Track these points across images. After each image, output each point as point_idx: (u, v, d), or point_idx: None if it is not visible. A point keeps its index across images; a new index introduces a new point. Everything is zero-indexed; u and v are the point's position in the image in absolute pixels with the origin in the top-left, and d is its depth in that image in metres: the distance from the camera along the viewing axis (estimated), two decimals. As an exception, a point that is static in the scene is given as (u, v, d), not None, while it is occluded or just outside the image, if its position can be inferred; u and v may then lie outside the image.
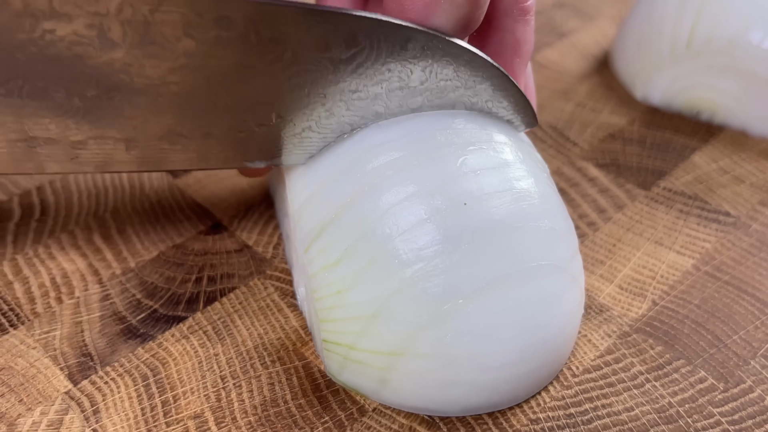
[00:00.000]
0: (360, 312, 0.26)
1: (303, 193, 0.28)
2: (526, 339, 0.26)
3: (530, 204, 0.27)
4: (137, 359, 0.30)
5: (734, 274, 0.33)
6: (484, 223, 0.26)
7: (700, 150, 0.41)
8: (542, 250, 0.27)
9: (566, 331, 0.28)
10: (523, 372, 0.27)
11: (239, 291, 0.32)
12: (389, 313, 0.26)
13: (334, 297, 0.27)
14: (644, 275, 0.33)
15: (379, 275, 0.26)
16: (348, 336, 0.27)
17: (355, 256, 0.26)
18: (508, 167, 0.28)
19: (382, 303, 0.26)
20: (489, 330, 0.26)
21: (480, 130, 0.29)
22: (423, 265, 0.25)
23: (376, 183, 0.27)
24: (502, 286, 0.26)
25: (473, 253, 0.26)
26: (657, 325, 0.31)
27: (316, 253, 0.27)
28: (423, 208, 0.26)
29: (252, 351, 0.30)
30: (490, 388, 0.27)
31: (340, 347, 0.27)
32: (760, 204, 0.37)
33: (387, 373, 0.26)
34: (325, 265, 0.27)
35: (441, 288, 0.25)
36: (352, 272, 0.26)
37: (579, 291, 0.28)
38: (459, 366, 0.26)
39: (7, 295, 0.32)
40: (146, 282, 0.33)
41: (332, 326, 0.27)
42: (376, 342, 0.26)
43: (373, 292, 0.26)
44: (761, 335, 0.31)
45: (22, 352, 0.30)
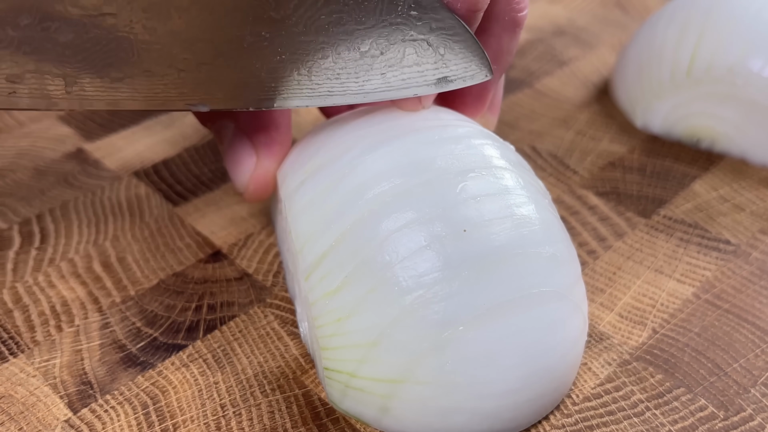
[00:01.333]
0: (360, 340, 0.27)
1: (305, 225, 0.29)
2: (527, 366, 0.27)
3: (531, 230, 0.27)
4: (137, 387, 0.30)
5: (734, 302, 0.34)
6: (484, 250, 0.26)
7: (700, 178, 0.41)
8: (543, 277, 0.27)
9: (568, 359, 0.28)
10: (524, 400, 0.27)
11: (239, 319, 0.33)
12: (390, 340, 0.26)
13: (334, 325, 0.27)
14: (644, 303, 0.34)
15: (379, 302, 0.26)
16: (349, 364, 0.27)
17: (355, 284, 0.27)
18: (509, 193, 0.28)
19: (383, 330, 0.26)
20: (490, 357, 0.26)
21: (481, 156, 0.29)
22: (423, 292, 0.26)
23: (376, 210, 0.27)
24: (503, 313, 0.26)
25: (473, 279, 0.26)
26: (657, 354, 0.32)
27: (316, 281, 0.28)
28: (422, 234, 0.26)
29: (252, 379, 0.30)
30: (491, 416, 0.27)
31: (341, 375, 0.27)
32: (761, 232, 0.38)
33: (388, 400, 0.27)
34: (326, 292, 0.27)
35: (441, 315, 0.26)
36: (353, 300, 0.27)
37: (581, 318, 0.29)
38: (460, 393, 0.26)
39: (7, 323, 0.32)
40: (146, 310, 0.33)
41: (333, 354, 0.27)
42: (377, 369, 0.27)
43: (373, 319, 0.26)
44: (761, 363, 0.31)
45: (22, 381, 0.30)
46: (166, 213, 0.38)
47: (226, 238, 0.37)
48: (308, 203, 0.29)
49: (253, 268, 0.35)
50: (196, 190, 0.40)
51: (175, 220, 0.38)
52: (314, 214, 0.29)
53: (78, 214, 0.38)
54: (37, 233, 0.37)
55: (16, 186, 0.40)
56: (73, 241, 0.36)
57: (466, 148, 0.29)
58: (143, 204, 0.39)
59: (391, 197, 0.27)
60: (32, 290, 0.34)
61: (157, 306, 0.33)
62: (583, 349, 0.30)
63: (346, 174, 0.29)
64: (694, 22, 0.42)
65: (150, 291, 0.34)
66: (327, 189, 0.29)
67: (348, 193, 0.28)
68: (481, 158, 0.29)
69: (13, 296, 0.34)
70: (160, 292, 0.34)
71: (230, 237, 0.37)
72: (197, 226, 0.38)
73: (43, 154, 0.42)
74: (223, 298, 0.34)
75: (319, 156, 0.30)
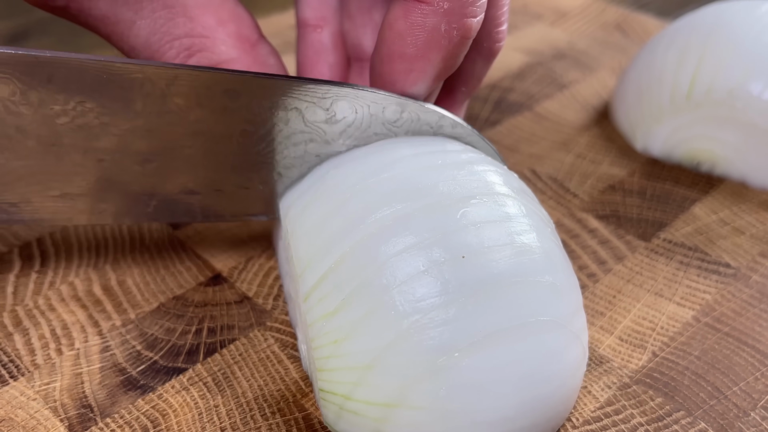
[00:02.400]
0: (356, 362, 0.27)
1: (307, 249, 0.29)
2: (522, 395, 0.27)
3: (531, 258, 0.28)
4: (137, 411, 0.30)
5: (734, 325, 0.34)
6: (483, 277, 0.27)
7: (700, 201, 0.42)
8: (542, 306, 0.27)
9: (566, 389, 0.28)
10: (519, 428, 0.27)
11: (239, 342, 0.33)
12: (385, 364, 0.26)
13: (331, 346, 0.27)
14: (644, 327, 0.34)
15: (375, 326, 0.26)
16: (344, 386, 0.27)
17: (353, 306, 0.27)
18: (510, 221, 0.28)
19: (378, 354, 0.26)
20: (485, 384, 0.26)
21: (483, 183, 0.29)
22: (419, 317, 0.26)
23: (376, 233, 0.28)
24: (499, 341, 0.26)
25: (470, 306, 0.26)
26: (657, 377, 0.32)
27: (314, 302, 0.28)
28: (421, 259, 0.27)
29: (252, 402, 0.31)
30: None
31: (336, 397, 0.28)
32: (760, 255, 0.38)
33: (382, 424, 0.27)
34: (324, 314, 0.27)
35: (437, 341, 0.26)
36: (350, 322, 0.27)
37: (581, 348, 0.29)
38: (453, 420, 0.26)
39: (7, 346, 0.33)
40: (146, 333, 0.33)
41: (329, 376, 0.28)
42: (372, 393, 0.27)
43: (369, 342, 0.26)
44: (761, 387, 0.32)
45: (23, 404, 0.30)
46: (167, 236, 0.39)
47: (226, 261, 0.37)
48: (310, 228, 0.29)
49: (254, 291, 0.36)
50: (197, 213, 0.40)
51: (175, 243, 0.38)
52: (316, 238, 0.29)
53: (78, 238, 0.38)
54: (38, 256, 0.37)
55: (17, 209, 0.40)
56: (73, 264, 0.37)
57: (468, 174, 0.30)
58: (143, 227, 0.39)
59: (391, 221, 0.28)
60: (32, 313, 0.34)
61: (157, 329, 0.34)
62: (582, 379, 0.30)
63: (348, 198, 0.29)
64: (694, 45, 0.43)
65: (150, 314, 0.34)
66: (329, 213, 0.29)
67: (349, 217, 0.28)
68: (483, 184, 0.29)
69: (14, 319, 0.34)
70: (161, 315, 0.34)
71: (230, 260, 0.37)
72: (197, 250, 0.38)
73: (43, 177, 0.42)
74: (223, 321, 0.34)
75: (322, 183, 0.31)
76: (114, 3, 0.30)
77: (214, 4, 0.32)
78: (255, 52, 0.33)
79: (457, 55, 0.31)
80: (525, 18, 0.62)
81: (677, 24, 0.46)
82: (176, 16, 0.31)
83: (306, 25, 0.37)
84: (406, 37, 0.30)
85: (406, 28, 0.30)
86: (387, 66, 0.31)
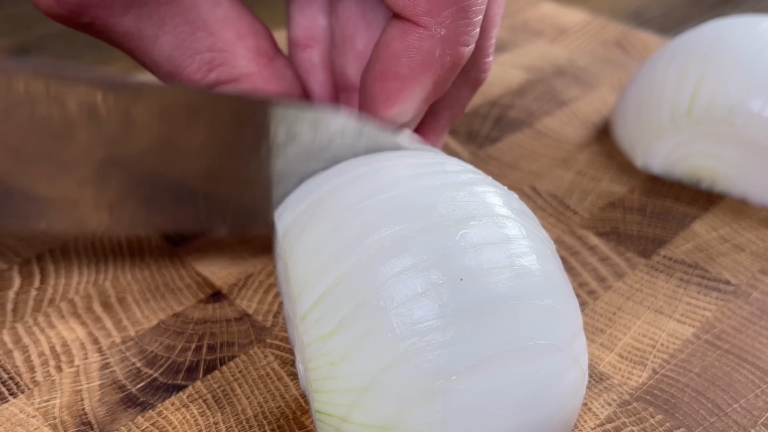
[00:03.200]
0: (352, 384, 0.27)
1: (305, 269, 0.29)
2: (520, 419, 0.26)
3: (530, 281, 0.27)
4: (137, 428, 0.30)
5: (734, 342, 0.35)
6: (481, 300, 0.26)
7: (701, 218, 0.42)
8: (541, 329, 0.27)
9: (564, 412, 0.28)
10: None
11: (239, 359, 0.33)
12: (381, 386, 0.26)
13: (327, 368, 0.27)
14: (644, 344, 0.34)
15: (372, 348, 0.26)
16: (340, 408, 0.27)
17: (350, 328, 0.27)
18: (510, 243, 0.28)
19: (375, 376, 0.26)
20: (482, 408, 0.26)
21: (483, 204, 0.29)
22: (416, 339, 0.26)
23: (374, 254, 0.28)
24: (497, 365, 0.26)
25: (468, 329, 0.26)
26: (657, 394, 0.32)
27: (311, 323, 0.28)
28: (419, 282, 0.27)
29: (252, 419, 0.31)
30: None
31: (332, 419, 0.28)
32: (761, 272, 0.38)
33: None
34: (320, 335, 0.28)
35: (434, 364, 0.26)
36: (346, 344, 0.27)
37: (580, 372, 0.28)
38: None
39: (7, 363, 0.33)
40: (146, 350, 0.34)
41: (325, 397, 0.27)
42: (368, 415, 0.27)
43: (366, 364, 0.26)
44: (761, 404, 0.32)
45: (22, 421, 0.31)
46: (167, 253, 0.39)
47: (226, 278, 0.38)
48: (308, 248, 0.30)
49: (253, 308, 0.36)
50: (196, 230, 0.40)
51: (175, 260, 0.39)
52: (313, 259, 0.29)
53: (78, 255, 0.39)
54: (37, 273, 0.37)
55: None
56: (73, 282, 0.37)
57: (468, 195, 0.30)
58: (143, 244, 0.39)
59: (389, 242, 0.28)
60: (32, 330, 0.34)
61: (157, 346, 0.34)
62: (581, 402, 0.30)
63: (347, 219, 0.29)
64: (695, 62, 0.43)
65: (150, 331, 0.35)
66: (327, 234, 0.29)
67: (347, 238, 0.28)
68: (482, 206, 0.29)
69: (13, 336, 0.34)
70: (160, 332, 0.35)
71: (230, 277, 0.38)
72: (197, 267, 0.38)
73: (43, 194, 0.43)
74: (223, 338, 0.34)
75: (321, 203, 0.31)
76: (138, 19, 0.31)
77: (233, 20, 0.33)
78: (272, 65, 0.35)
79: (447, 80, 0.33)
80: (525, 35, 0.63)
81: (677, 41, 0.47)
82: (197, 31, 0.32)
83: (296, 44, 0.38)
84: (401, 58, 0.32)
85: (402, 48, 0.31)
86: (380, 84, 0.32)
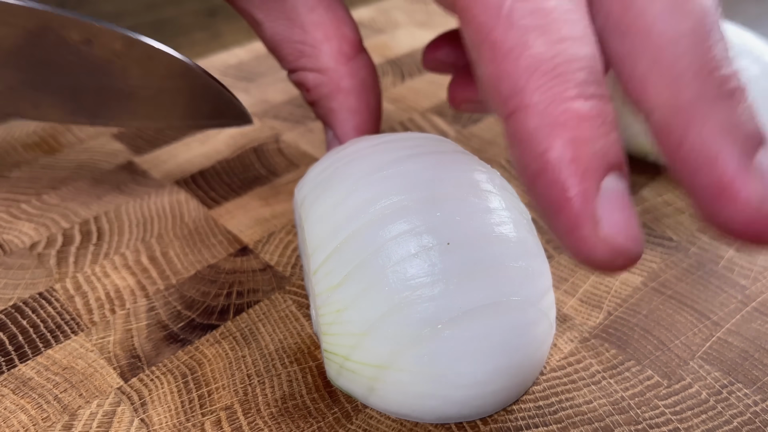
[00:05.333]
0: (354, 329, 0.26)
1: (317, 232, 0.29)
2: (495, 363, 0.26)
3: (507, 247, 0.27)
4: (178, 360, 0.30)
5: (676, 289, 0.34)
6: (464, 261, 0.26)
7: (648, 186, 0.41)
8: (514, 287, 0.26)
9: (533, 359, 0.28)
10: (490, 391, 0.27)
11: (263, 303, 0.33)
12: (378, 332, 0.26)
13: (334, 314, 0.27)
14: (601, 290, 0.34)
15: (371, 299, 0.26)
16: (343, 348, 0.27)
17: (354, 281, 0.27)
18: (491, 214, 0.28)
19: (373, 323, 0.26)
20: (462, 353, 0.26)
21: (470, 180, 0.29)
22: (409, 293, 0.26)
23: (376, 220, 0.27)
24: (476, 316, 0.26)
25: (453, 286, 0.26)
26: (612, 332, 0.32)
27: (322, 276, 0.28)
28: (413, 244, 0.26)
29: (273, 353, 0.30)
30: (461, 403, 0.27)
31: (337, 357, 0.27)
32: (698, 231, 0.38)
33: (374, 382, 0.27)
34: (329, 287, 0.27)
35: (422, 314, 0.25)
36: (350, 295, 0.27)
37: (548, 324, 0.28)
38: (435, 382, 0.26)
39: (69, 307, 0.32)
40: (185, 296, 0.33)
41: (332, 339, 0.27)
42: (366, 356, 0.26)
43: (365, 313, 0.26)
44: (698, 340, 0.31)
45: (82, 355, 0.30)
46: (202, 215, 0.38)
47: (252, 235, 0.37)
48: (321, 215, 0.29)
49: (275, 261, 0.35)
50: (227, 195, 0.40)
51: (209, 220, 0.38)
52: (325, 223, 0.28)
53: (128, 216, 0.38)
54: (95, 232, 0.37)
55: (77, 192, 0.40)
56: (124, 239, 0.37)
57: (458, 173, 0.29)
58: (183, 207, 0.39)
59: (390, 211, 0.27)
60: (90, 279, 0.34)
61: (194, 292, 0.33)
62: (549, 349, 0.29)
63: (353, 191, 0.28)
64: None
65: (188, 280, 0.34)
66: (337, 203, 0.29)
67: (354, 207, 0.28)
68: (470, 182, 0.29)
69: (74, 284, 0.34)
70: (197, 281, 0.34)
71: (255, 235, 0.37)
72: (228, 226, 0.38)
73: (99, 166, 0.42)
74: (249, 286, 0.34)
75: (332, 176, 0.30)
76: (250, 4, 0.33)
77: (324, 24, 0.34)
78: (350, 64, 0.34)
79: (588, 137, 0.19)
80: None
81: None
82: (294, 26, 0.33)
83: None
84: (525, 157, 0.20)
85: (519, 149, 0.20)
86: (538, 202, 0.21)
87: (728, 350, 0.31)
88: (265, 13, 0.34)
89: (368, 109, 0.35)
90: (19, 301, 0.33)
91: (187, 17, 0.62)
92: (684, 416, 0.28)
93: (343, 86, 0.34)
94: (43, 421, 0.28)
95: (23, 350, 0.30)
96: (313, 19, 0.34)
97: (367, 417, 0.28)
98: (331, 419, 0.28)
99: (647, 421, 0.28)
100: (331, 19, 0.34)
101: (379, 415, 0.28)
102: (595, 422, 0.28)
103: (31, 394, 0.29)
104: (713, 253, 0.36)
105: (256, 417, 0.28)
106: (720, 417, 0.28)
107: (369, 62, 0.35)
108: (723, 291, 0.34)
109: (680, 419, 0.28)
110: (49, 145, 0.44)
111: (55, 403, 0.28)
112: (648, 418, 0.28)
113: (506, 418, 0.28)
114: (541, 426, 0.28)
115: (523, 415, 0.28)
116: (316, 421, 0.28)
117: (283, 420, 0.28)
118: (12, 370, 0.30)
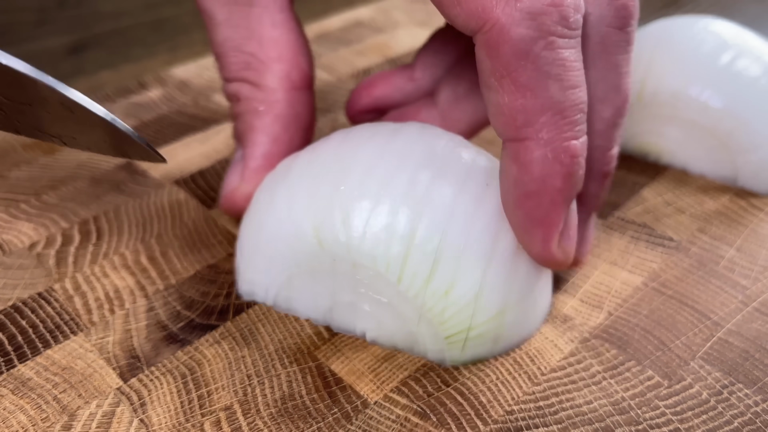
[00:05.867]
0: (467, 299, 0.28)
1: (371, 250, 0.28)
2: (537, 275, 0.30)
3: None
4: (177, 360, 0.30)
5: (676, 289, 0.34)
6: None
7: (648, 186, 0.41)
8: None
9: None
10: None
11: (262, 304, 0.33)
12: (486, 286, 0.28)
13: (442, 300, 0.28)
14: (601, 290, 0.34)
15: (468, 266, 0.28)
16: (464, 322, 0.28)
17: (444, 263, 0.28)
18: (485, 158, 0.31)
19: (480, 283, 0.28)
20: None
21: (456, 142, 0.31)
22: (490, 242, 0.28)
23: (420, 201, 0.28)
24: None
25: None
26: (612, 332, 0.32)
27: (409, 278, 0.28)
28: (468, 202, 0.28)
29: (273, 354, 0.30)
30: None
31: (460, 334, 0.29)
32: (698, 231, 0.38)
33: (499, 329, 0.29)
34: (423, 281, 0.28)
35: (510, 249, 0.28)
36: (448, 275, 0.28)
37: None
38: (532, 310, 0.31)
39: (69, 307, 0.32)
40: (185, 296, 0.33)
41: (450, 322, 0.28)
42: (486, 312, 0.28)
43: (469, 279, 0.28)
44: (699, 340, 0.31)
45: (81, 355, 0.30)
46: (202, 215, 0.38)
47: (251, 235, 0.37)
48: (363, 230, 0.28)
49: (274, 261, 0.35)
50: (227, 195, 0.40)
51: (209, 221, 0.38)
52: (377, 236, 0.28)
53: (128, 216, 0.38)
54: (94, 232, 0.37)
55: (77, 192, 0.40)
56: (123, 239, 0.36)
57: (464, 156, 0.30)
58: (182, 207, 0.39)
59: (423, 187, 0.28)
60: (89, 279, 0.34)
61: (194, 292, 0.33)
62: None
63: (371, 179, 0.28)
64: (644, 55, 0.42)
65: (188, 280, 0.34)
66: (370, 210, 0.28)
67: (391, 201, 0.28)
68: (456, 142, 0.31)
69: (74, 284, 0.34)
70: (197, 281, 0.34)
71: (255, 235, 0.37)
72: (227, 226, 0.38)
73: (99, 165, 0.42)
74: (249, 286, 0.34)
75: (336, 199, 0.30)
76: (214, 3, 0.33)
77: (282, 44, 0.33)
78: (292, 93, 0.33)
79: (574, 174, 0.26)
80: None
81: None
82: (252, 37, 0.33)
83: None
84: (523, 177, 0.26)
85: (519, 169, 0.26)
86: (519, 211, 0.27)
87: (729, 350, 0.31)
88: (227, 14, 0.32)
89: (288, 145, 0.34)
90: (18, 302, 0.33)
91: (187, 17, 0.62)
92: (684, 417, 0.28)
93: (276, 110, 0.33)
94: (43, 421, 0.27)
95: (22, 350, 0.30)
96: (273, 35, 0.33)
97: (367, 417, 0.28)
98: (331, 420, 0.28)
99: (648, 422, 0.28)
100: (290, 42, 0.33)
101: (378, 416, 0.28)
102: (596, 422, 0.28)
103: (30, 395, 0.28)
104: (714, 253, 0.36)
105: (255, 417, 0.28)
106: (721, 417, 0.28)
107: (311, 102, 0.34)
108: (723, 291, 0.34)
109: (681, 419, 0.28)
110: (49, 145, 0.44)
111: (55, 403, 0.28)
112: (648, 419, 0.28)
113: (506, 419, 0.28)
114: (541, 426, 0.28)
115: (523, 416, 0.28)
116: (315, 422, 0.28)
117: (283, 420, 0.28)
118: (11, 371, 0.30)
